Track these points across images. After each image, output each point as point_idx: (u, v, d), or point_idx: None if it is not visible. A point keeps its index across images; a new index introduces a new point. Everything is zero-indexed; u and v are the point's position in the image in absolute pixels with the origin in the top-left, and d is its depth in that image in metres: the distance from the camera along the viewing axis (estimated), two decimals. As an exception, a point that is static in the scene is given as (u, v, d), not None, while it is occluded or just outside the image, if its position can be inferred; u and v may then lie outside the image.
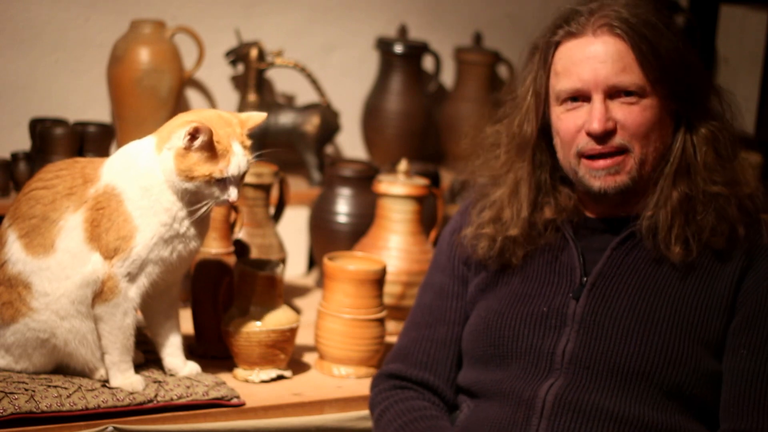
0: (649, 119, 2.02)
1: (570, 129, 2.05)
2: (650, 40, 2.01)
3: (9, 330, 2.24)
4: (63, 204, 2.22)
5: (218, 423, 2.29)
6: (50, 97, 3.07)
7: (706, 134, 2.06)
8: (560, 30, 2.06)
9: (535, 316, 2.08)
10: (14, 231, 2.24)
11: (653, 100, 2.02)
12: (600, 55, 2.01)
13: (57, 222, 2.21)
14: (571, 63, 2.04)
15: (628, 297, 2.04)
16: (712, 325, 2.01)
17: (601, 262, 2.08)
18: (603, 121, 2.01)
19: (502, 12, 3.64)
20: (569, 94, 2.05)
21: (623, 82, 2.01)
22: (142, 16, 3.10)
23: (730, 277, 2.03)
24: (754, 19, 3.54)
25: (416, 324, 2.24)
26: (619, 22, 2.01)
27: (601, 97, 2.02)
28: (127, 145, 2.28)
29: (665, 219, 2.03)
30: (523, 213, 2.12)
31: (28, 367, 2.27)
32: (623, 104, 2.02)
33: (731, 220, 2.04)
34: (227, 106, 3.29)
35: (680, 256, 2.02)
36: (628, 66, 2.01)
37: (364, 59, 3.47)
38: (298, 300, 2.94)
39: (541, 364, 2.05)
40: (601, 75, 2.01)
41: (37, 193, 2.24)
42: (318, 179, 3.21)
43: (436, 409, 2.16)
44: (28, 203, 2.24)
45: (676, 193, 2.04)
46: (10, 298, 2.23)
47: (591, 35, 2.03)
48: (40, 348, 2.25)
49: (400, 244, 2.74)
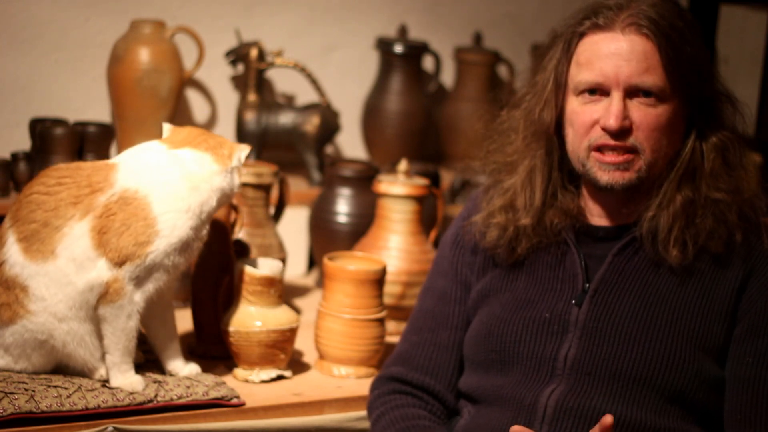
0: (664, 123, 2.02)
1: (585, 122, 2.04)
2: (675, 44, 2.00)
3: (8, 331, 2.24)
4: (67, 212, 2.21)
5: (218, 423, 2.29)
6: (50, 97, 3.07)
7: (716, 142, 2.05)
8: (587, 21, 2.04)
9: (537, 322, 2.07)
10: (14, 233, 2.23)
11: (671, 104, 2.02)
12: (625, 52, 2.00)
13: (60, 229, 2.20)
14: (595, 56, 2.02)
15: (630, 303, 2.04)
16: (714, 331, 2.01)
17: (603, 269, 2.07)
18: (620, 119, 2.00)
19: (502, 12, 3.64)
20: (589, 86, 2.03)
21: (645, 82, 2.00)
22: (142, 16, 3.10)
23: (731, 283, 2.03)
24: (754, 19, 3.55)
25: (418, 328, 2.23)
26: (647, 22, 2.00)
27: (621, 95, 2.00)
28: (143, 150, 2.29)
29: (666, 221, 2.03)
30: (536, 202, 2.11)
31: (27, 367, 2.27)
32: (641, 105, 2.01)
33: (730, 226, 2.03)
34: (227, 106, 3.29)
35: (678, 258, 2.02)
36: (651, 67, 2.00)
37: (364, 59, 3.47)
38: (298, 300, 2.94)
39: (542, 369, 2.04)
40: (624, 73, 2.00)
41: (39, 198, 2.23)
42: (318, 179, 3.21)
43: (432, 419, 2.15)
44: (29, 207, 2.23)
45: (680, 196, 2.03)
46: (8, 300, 2.23)
47: (618, 31, 2.01)
48: (38, 349, 2.25)
49: (400, 244, 2.74)
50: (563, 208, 2.11)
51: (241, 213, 2.56)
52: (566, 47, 2.06)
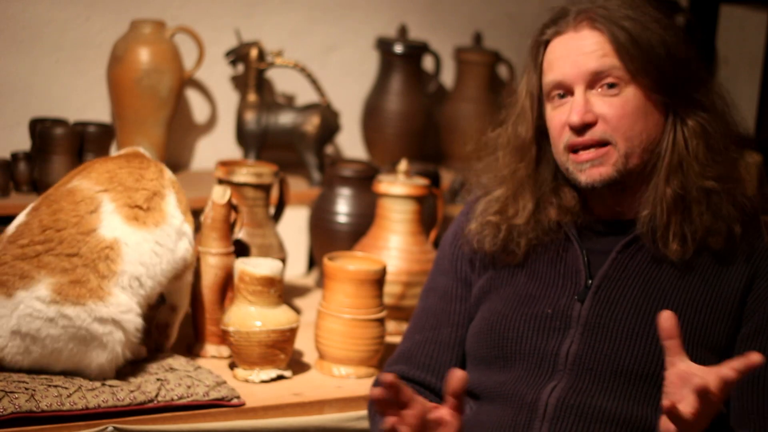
0: (631, 111, 2.02)
1: (557, 125, 2.06)
2: (629, 31, 2.01)
3: (70, 310, 2.19)
4: (165, 183, 2.38)
5: (218, 423, 2.29)
6: (50, 97, 3.07)
7: (695, 127, 2.05)
8: (548, 30, 2.08)
9: (539, 317, 2.07)
10: (112, 200, 2.28)
11: (636, 90, 2.02)
12: (580, 47, 2.03)
13: (164, 197, 2.36)
14: (555, 58, 2.06)
15: (633, 300, 2.04)
16: (717, 329, 2.01)
17: (606, 265, 2.08)
18: (581, 113, 2.01)
19: (502, 12, 3.64)
20: (553, 87, 2.06)
21: (602, 66, 2.01)
22: (142, 16, 3.10)
23: (736, 281, 2.02)
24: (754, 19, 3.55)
25: (420, 327, 2.23)
26: (598, 16, 2.03)
27: (582, 89, 2.03)
28: None
29: (662, 218, 2.03)
30: (528, 207, 2.12)
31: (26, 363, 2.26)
32: (604, 96, 2.02)
33: (727, 219, 2.03)
34: (227, 106, 3.29)
35: (678, 253, 2.02)
36: (606, 54, 2.02)
37: (364, 59, 3.47)
38: (298, 300, 2.94)
39: (544, 365, 2.04)
40: (582, 66, 2.02)
41: (138, 172, 2.34)
42: (318, 179, 3.21)
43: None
44: (132, 176, 2.33)
45: (670, 189, 2.03)
46: (82, 277, 2.21)
47: (573, 30, 2.05)
48: (79, 345, 2.22)
49: (400, 244, 2.74)
50: (564, 205, 2.12)
51: (241, 213, 2.56)
52: (534, 58, 2.10)
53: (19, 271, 2.20)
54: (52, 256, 2.21)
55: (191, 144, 3.29)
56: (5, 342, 2.23)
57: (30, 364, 2.25)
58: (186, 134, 3.27)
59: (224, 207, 2.51)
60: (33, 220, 2.26)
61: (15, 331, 2.21)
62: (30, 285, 2.19)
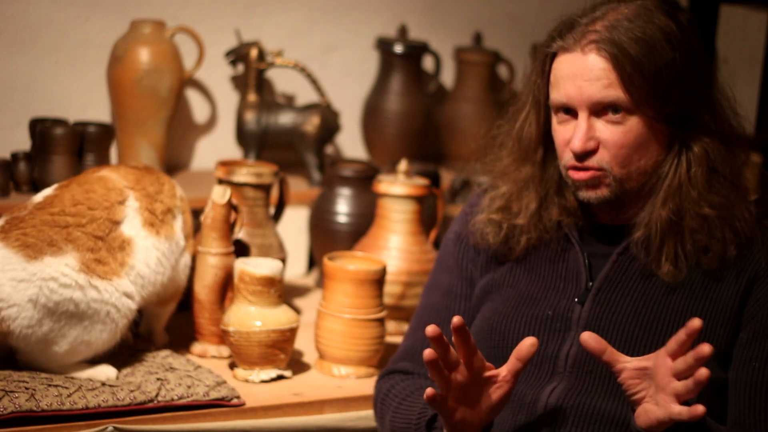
0: (632, 140, 2.01)
1: (560, 141, 2.06)
2: (637, 60, 1.97)
3: (98, 282, 2.27)
4: (176, 203, 2.48)
5: (218, 423, 2.29)
6: (50, 97, 3.07)
7: (700, 154, 2.03)
8: (554, 43, 2.05)
9: (539, 319, 2.08)
10: (136, 199, 2.37)
11: (639, 120, 2.00)
12: (585, 72, 2.00)
13: (176, 217, 2.45)
14: (561, 77, 2.03)
15: (633, 303, 2.04)
16: (716, 333, 2.01)
17: (606, 268, 2.08)
18: (584, 141, 2.00)
19: (502, 12, 3.64)
20: (558, 106, 2.05)
21: (607, 97, 1.99)
22: (142, 16, 3.10)
23: (735, 286, 2.02)
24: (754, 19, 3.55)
25: (423, 324, 2.22)
26: (606, 42, 1.98)
27: (586, 115, 2.01)
28: None
29: (654, 239, 2.03)
30: (531, 206, 2.12)
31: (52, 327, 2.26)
32: (608, 123, 2.00)
33: (724, 242, 2.02)
34: (227, 106, 3.29)
35: (670, 275, 2.02)
36: (612, 84, 1.99)
37: (364, 59, 3.47)
38: (298, 300, 2.94)
39: (544, 367, 2.04)
40: (585, 93, 1.99)
41: (156, 183, 2.44)
42: (318, 179, 3.21)
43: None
44: (153, 185, 2.42)
45: (665, 212, 2.02)
46: (106, 258, 2.29)
47: (579, 51, 2.01)
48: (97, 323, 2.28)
49: (400, 244, 2.74)
50: (567, 206, 2.12)
51: (241, 213, 2.57)
52: (541, 67, 2.08)
53: (47, 238, 2.25)
54: (81, 233, 2.27)
55: (191, 144, 3.29)
56: (18, 311, 2.22)
57: (37, 339, 2.24)
58: (186, 134, 3.27)
59: (224, 207, 2.51)
60: (64, 192, 2.33)
61: (32, 300, 2.22)
62: (58, 254, 2.24)
